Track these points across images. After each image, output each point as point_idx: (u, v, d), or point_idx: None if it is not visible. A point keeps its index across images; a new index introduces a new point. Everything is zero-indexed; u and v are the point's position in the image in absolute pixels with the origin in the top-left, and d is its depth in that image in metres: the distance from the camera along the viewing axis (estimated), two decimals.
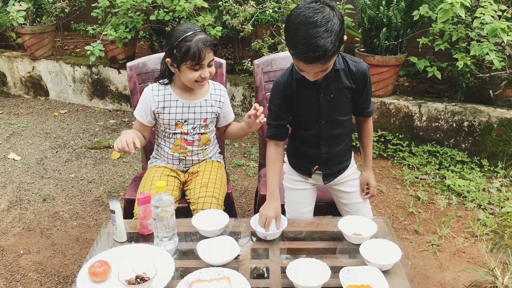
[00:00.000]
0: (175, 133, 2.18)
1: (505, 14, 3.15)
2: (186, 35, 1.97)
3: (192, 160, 2.25)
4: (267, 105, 1.95)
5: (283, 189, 2.11)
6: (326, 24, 1.53)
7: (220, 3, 3.87)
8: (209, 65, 2.04)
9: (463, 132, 3.52)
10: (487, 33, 3.07)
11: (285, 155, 2.11)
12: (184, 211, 2.12)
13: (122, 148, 1.88)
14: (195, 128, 2.18)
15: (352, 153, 2.08)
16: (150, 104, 2.13)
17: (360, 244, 1.61)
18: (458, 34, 3.33)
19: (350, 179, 2.05)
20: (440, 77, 3.64)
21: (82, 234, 2.86)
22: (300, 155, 2.00)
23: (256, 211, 2.45)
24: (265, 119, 1.94)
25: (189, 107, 2.15)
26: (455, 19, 3.32)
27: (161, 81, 2.15)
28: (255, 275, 1.57)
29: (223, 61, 2.47)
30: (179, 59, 1.99)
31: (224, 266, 1.56)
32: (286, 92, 1.84)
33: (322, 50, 1.54)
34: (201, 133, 2.20)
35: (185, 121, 2.16)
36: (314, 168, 1.99)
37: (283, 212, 2.05)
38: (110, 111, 4.82)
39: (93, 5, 4.39)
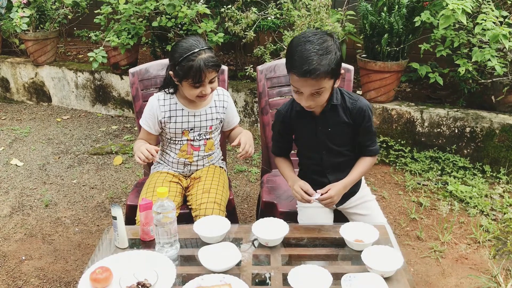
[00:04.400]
0: (181, 140, 2.19)
1: (506, 20, 3.16)
2: (189, 53, 1.96)
3: (197, 165, 2.25)
4: (270, 110, 2.00)
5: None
6: (322, 44, 1.69)
7: (222, 9, 3.88)
8: (211, 82, 2.04)
9: (465, 138, 3.51)
10: (488, 39, 3.07)
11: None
12: (185, 217, 2.12)
13: (146, 157, 1.97)
14: (201, 134, 2.19)
15: (363, 176, 2.06)
16: (157, 114, 2.14)
17: (362, 251, 1.61)
18: (459, 40, 3.33)
19: (365, 201, 2.06)
20: (442, 83, 3.64)
21: (84, 240, 2.86)
22: (310, 181, 1.98)
23: (258, 217, 2.45)
24: (252, 154, 2.08)
25: (194, 115, 2.16)
26: (457, 25, 3.33)
27: (166, 90, 2.16)
28: (256, 281, 1.57)
29: (225, 67, 2.48)
30: (181, 76, 2.00)
31: (225, 272, 1.55)
32: (285, 122, 1.97)
33: (315, 64, 1.66)
34: (207, 138, 2.22)
35: (191, 129, 2.17)
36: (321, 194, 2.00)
37: (293, 220, 2.07)
38: (112, 117, 4.84)
39: (96, 11, 4.42)
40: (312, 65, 1.65)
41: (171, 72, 2.06)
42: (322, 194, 1.89)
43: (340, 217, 2.11)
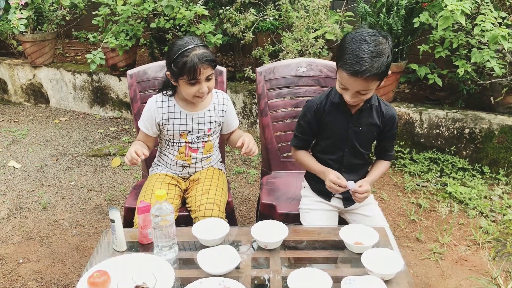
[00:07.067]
0: (179, 142, 2.18)
1: (505, 21, 3.15)
2: (183, 50, 1.96)
3: (196, 167, 2.24)
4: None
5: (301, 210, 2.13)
6: (377, 46, 1.69)
7: (220, 11, 3.87)
8: (207, 80, 2.03)
9: (464, 139, 3.51)
10: (487, 40, 3.07)
11: (304, 180, 2.16)
12: (184, 219, 2.10)
13: (131, 159, 1.98)
14: (199, 137, 2.18)
15: None
16: (155, 116, 2.13)
17: (361, 253, 1.60)
18: (458, 41, 3.33)
19: (369, 203, 2.06)
20: (440, 84, 3.64)
21: (82, 242, 2.84)
22: (320, 179, 1.99)
23: (257, 219, 2.44)
24: (255, 153, 2.05)
25: (192, 118, 2.15)
26: (456, 26, 3.33)
27: (164, 92, 2.15)
28: (256, 284, 1.56)
29: (224, 69, 2.47)
30: (176, 74, 2.00)
31: (224, 275, 1.54)
32: (318, 113, 1.95)
33: (367, 66, 1.67)
34: (205, 141, 2.21)
35: (189, 132, 2.16)
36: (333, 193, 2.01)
37: (292, 221, 2.06)
38: (110, 118, 4.82)
39: (93, 13, 4.41)
40: (364, 66, 1.67)
41: (168, 73, 2.06)
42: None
43: (342, 222, 2.10)
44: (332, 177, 1.89)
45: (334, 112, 1.93)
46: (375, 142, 2.06)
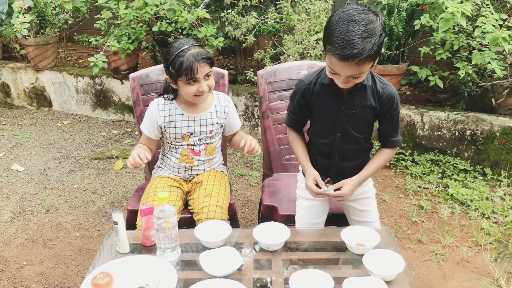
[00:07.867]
0: (181, 145, 2.19)
1: (506, 23, 3.17)
2: (178, 51, 1.98)
3: (198, 169, 2.25)
4: (271, 115, 1.97)
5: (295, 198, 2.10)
6: (367, 25, 1.53)
7: (222, 14, 3.89)
8: (206, 78, 2.04)
9: (466, 141, 3.51)
10: (488, 42, 3.08)
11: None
12: (187, 221, 2.12)
13: (134, 163, 1.98)
14: (201, 139, 2.20)
15: None
16: (157, 119, 2.15)
17: (363, 255, 1.61)
18: (459, 43, 3.34)
19: (364, 197, 1.98)
20: (442, 86, 3.65)
21: (85, 245, 2.86)
22: (314, 162, 1.93)
23: (259, 221, 2.45)
24: (258, 152, 2.09)
25: (194, 120, 2.16)
26: (456, 28, 3.34)
27: (166, 96, 2.17)
28: (258, 286, 1.57)
29: (225, 72, 2.48)
30: (175, 75, 2.02)
31: (226, 277, 1.55)
32: (307, 94, 1.83)
33: (359, 49, 1.51)
34: (208, 143, 2.22)
35: (191, 134, 2.17)
36: (326, 180, 1.91)
37: (293, 223, 2.06)
38: (113, 121, 4.84)
39: (96, 16, 4.43)
40: (355, 49, 1.51)
41: (167, 77, 2.08)
42: (335, 190, 1.84)
43: (338, 217, 2.09)
44: (309, 182, 1.85)
45: (324, 94, 1.78)
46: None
